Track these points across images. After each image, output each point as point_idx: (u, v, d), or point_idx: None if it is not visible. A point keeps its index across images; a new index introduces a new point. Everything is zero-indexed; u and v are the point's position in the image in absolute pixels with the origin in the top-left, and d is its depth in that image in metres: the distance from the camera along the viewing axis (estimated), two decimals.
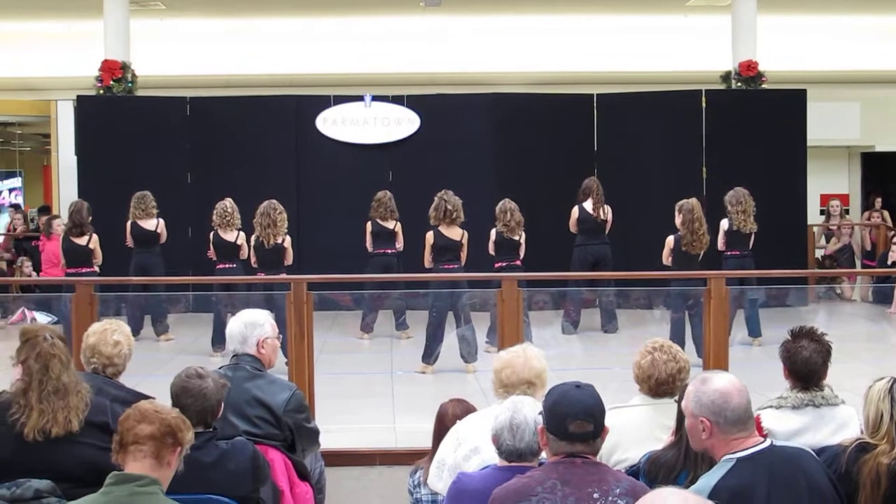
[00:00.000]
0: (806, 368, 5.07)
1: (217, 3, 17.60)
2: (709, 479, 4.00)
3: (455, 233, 11.45)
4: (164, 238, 13.16)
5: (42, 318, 13.65)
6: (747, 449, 4.03)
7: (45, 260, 14.71)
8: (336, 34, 18.73)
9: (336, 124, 15.69)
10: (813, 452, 4.25)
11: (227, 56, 18.70)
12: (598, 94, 15.98)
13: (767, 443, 4.09)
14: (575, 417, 3.93)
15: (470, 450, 4.89)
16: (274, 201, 11.81)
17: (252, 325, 5.72)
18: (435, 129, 15.56)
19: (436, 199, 11.55)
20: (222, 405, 4.86)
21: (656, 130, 15.41)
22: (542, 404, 4.08)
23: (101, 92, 15.64)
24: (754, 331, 12.17)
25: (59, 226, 14.51)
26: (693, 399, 4.11)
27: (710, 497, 3.81)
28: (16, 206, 20.14)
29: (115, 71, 15.55)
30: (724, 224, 12.30)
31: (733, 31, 16.45)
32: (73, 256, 12.39)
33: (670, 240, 11.69)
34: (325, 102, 15.78)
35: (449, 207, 11.38)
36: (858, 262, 17.36)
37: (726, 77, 16.39)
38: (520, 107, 15.82)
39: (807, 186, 15.95)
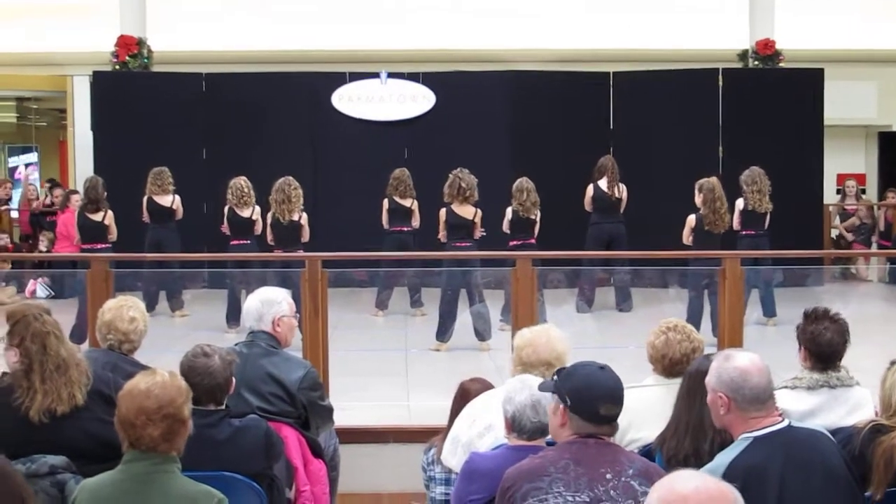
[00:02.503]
0: (829, 349, 5.07)
1: None
2: (724, 457, 4.04)
3: (468, 211, 11.45)
4: (179, 214, 13.19)
5: (41, 292, 13.75)
6: (765, 428, 4.06)
7: (59, 232, 14.71)
8: (352, 9, 18.67)
9: (352, 101, 15.67)
10: (829, 434, 4.25)
11: (243, 32, 18.66)
12: (614, 72, 15.93)
13: (785, 423, 4.11)
14: (605, 401, 3.97)
15: (484, 427, 4.91)
16: (289, 178, 11.83)
17: (269, 303, 5.73)
18: (451, 107, 15.54)
19: (451, 176, 11.56)
20: (233, 381, 4.86)
21: (672, 109, 15.35)
22: (562, 384, 4.06)
23: (118, 68, 15.65)
24: (769, 311, 12.15)
25: (77, 200, 14.56)
26: (714, 374, 4.15)
27: (725, 475, 3.85)
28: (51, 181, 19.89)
29: (131, 46, 15.58)
30: (740, 203, 12.26)
31: (751, 9, 16.40)
32: (88, 232, 12.41)
33: (692, 219, 11.66)
34: (340, 79, 15.77)
35: (463, 185, 11.39)
36: (874, 244, 17.31)
37: (743, 55, 16.34)
38: (535, 85, 15.77)
39: (823, 166, 15.89)
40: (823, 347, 5.08)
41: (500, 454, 4.41)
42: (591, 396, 3.97)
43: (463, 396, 5.59)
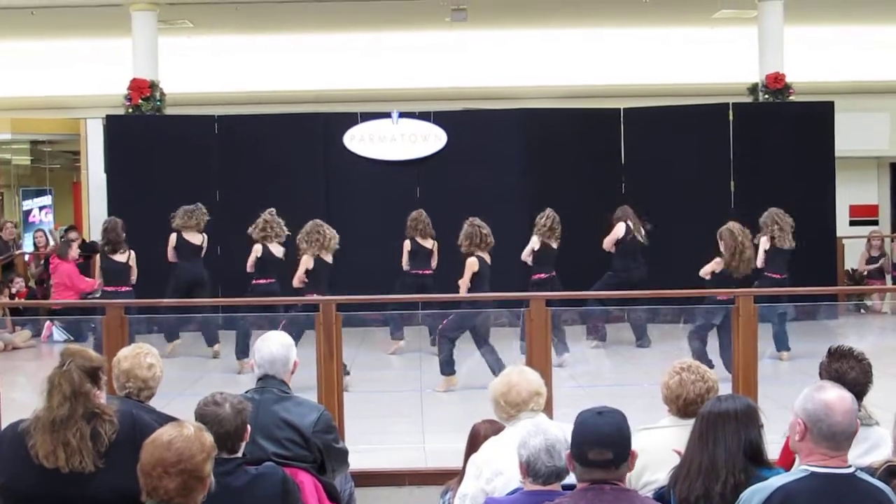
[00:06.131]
0: (853, 389, 5.03)
1: (244, 20, 17.70)
2: (776, 480, 4.04)
3: (488, 258, 11.41)
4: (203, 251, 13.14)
5: (57, 335, 13.78)
6: (828, 468, 4.01)
7: (57, 283, 14.66)
8: (362, 50, 18.81)
9: (363, 141, 15.75)
10: (894, 498, 4.19)
11: (255, 73, 18.83)
12: (624, 109, 15.98)
13: (850, 469, 4.06)
14: (593, 445, 3.97)
15: (492, 473, 4.93)
16: (318, 220, 11.66)
17: (290, 347, 5.76)
18: (462, 145, 15.60)
19: (467, 227, 11.44)
20: (247, 429, 4.86)
21: (684, 144, 15.39)
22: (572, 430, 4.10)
23: (130, 111, 15.75)
24: (783, 346, 12.10)
25: (76, 249, 14.62)
26: (801, 400, 4.11)
27: (770, 496, 3.94)
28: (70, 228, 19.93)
29: (143, 89, 15.68)
30: (765, 243, 12.22)
31: (760, 43, 16.44)
32: (110, 274, 12.41)
33: (719, 262, 11.44)
34: (352, 119, 15.84)
35: (484, 232, 11.33)
36: (888, 276, 17.27)
37: (753, 89, 16.37)
38: (545, 122, 15.84)
39: (835, 199, 15.89)
40: (849, 385, 5.03)
41: (515, 499, 4.42)
42: (581, 441, 4.00)
43: (474, 438, 5.60)
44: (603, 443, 3.97)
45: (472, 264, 11.27)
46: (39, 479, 4.56)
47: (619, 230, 13.15)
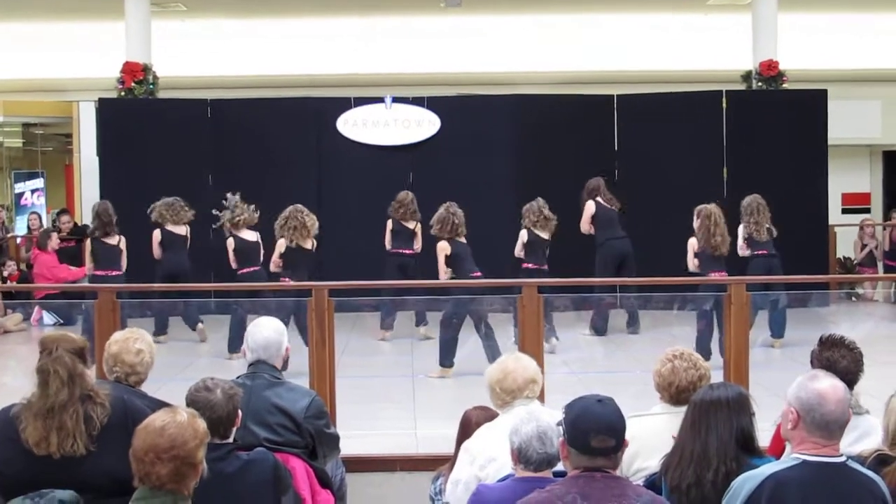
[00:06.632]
0: (845, 378, 5.05)
1: (238, 4, 17.66)
2: (768, 468, 4.07)
3: (463, 241, 11.39)
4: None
5: (48, 319, 13.75)
6: (820, 456, 4.04)
7: (37, 273, 14.61)
8: (356, 34, 18.75)
9: (357, 126, 15.69)
10: (885, 487, 4.19)
11: (248, 57, 18.76)
12: (618, 95, 15.96)
13: (841, 459, 4.09)
14: (597, 433, 3.96)
15: (485, 460, 4.95)
16: (299, 205, 11.70)
17: (282, 332, 5.78)
18: (455, 131, 15.55)
19: (442, 211, 11.42)
20: (239, 415, 4.86)
21: (677, 131, 15.37)
22: (563, 418, 4.09)
23: (123, 94, 15.69)
24: (778, 332, 12.10)
25: (56, 239, 14.59)
26: (794, 389, 4.15)
27: (761, 483, 3.98)
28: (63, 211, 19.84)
29: (136, 73, 15.60)
30: (742, 230, 12.27)
31: (754, 30, 16.41)
32: (101, 258, 12.37)
33: (693, 242, 11.61)
34: (345, 104, 15.80)
35: (456, 222, 11.29)
36: (879, 264, 17.29)
37: (747, 77, 16.35)
38: (539, 108, 15.80)
39: (828, 186, 15.90)
40: (838, 374, 5.04)
41: (507, 486, 4.44)
42: (583, 429, 3.99)
43: (466, 424, 5.62)
44: (607, 430, 3.98)
45: (443, 248, 11.24)
46: (31, 464, 4.57)
47: (591, 207, 13.15)
